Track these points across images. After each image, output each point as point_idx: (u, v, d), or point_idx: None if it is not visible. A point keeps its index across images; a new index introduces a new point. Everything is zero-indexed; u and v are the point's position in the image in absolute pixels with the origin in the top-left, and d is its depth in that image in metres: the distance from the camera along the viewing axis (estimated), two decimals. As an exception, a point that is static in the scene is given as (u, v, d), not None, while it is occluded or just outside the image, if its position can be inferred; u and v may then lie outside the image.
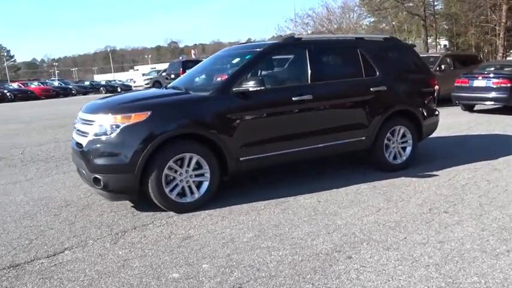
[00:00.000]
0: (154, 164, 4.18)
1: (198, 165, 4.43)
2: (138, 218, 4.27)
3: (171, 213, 4.35)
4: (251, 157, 4.65)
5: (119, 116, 4.21)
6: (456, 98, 11.80)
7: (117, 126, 4.17)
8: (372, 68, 5.47)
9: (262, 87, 4.52)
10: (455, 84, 11.78)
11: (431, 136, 6.37)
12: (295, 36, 5.21)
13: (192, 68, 6.28)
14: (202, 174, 4.46)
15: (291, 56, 5.38)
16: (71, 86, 40.40)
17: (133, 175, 4.13)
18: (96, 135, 4.24)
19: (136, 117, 4.19)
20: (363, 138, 5.35)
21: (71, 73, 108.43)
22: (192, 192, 4.42)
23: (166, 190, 4.27)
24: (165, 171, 4.24)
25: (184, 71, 19.56)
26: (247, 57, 4.97)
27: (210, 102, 4.51)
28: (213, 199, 4.56)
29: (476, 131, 8.68)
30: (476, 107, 12.00)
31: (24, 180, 5.98)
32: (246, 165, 4.67)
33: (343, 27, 32.85)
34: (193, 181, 4.43)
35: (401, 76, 5.71)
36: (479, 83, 11.21)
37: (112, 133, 4.16)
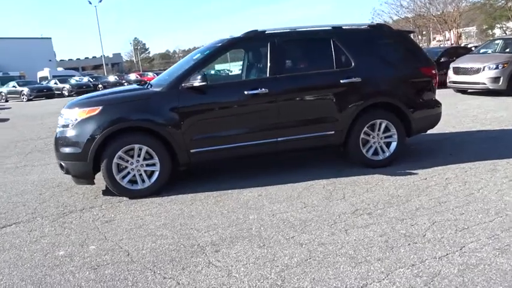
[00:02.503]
0: (105, 153, 4.66)
1: (150, 156, 4.80)
2: (94, 201, 4.82)
3: (124, 198, 4.81)
4: (202, 149, 4.87)
5: (78, 111, 4.78)
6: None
7: (76, 120, 4.74)
8: (347, 59, 5.20)
9: (204, 83, 4.68)
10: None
11: (461, 129, 5.77)
12: (259, 30, 5.20)
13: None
14: (153, 164, 4.82)
15: (253, 50, 5.39)
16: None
17: (86, 163, 4.67)
18: (62, 126, 4.87)
19: (89, 112, 4.71)
20: (332, 132, 5.16)
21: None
22: (143, 181, 4.82)
23: (117, 177, 4.73)
24: (115, 160, 4.69)
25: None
26: (205, 53, 5.15)
27: (160, 97, 4.82)
28: (171, 187, 4.94)
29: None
30: None
31: (45, 164, 7.00)
32: (198, 157, 4.90)
33: (446, 10, 29.88)
34: (145, 170, 4.82)
35: (384, 66, 5.31)
36: None
37: (72, 125, 4.75)
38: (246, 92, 4.86)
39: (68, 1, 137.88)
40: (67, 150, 4.75)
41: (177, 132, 4.75)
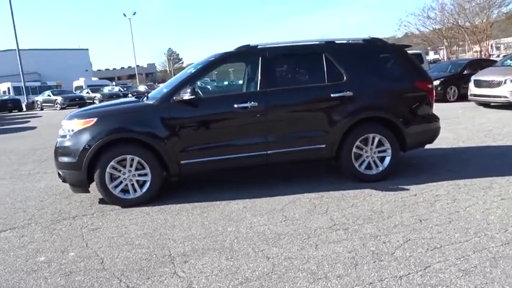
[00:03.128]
0: (98, 163, 4.85)
1: (142, 166, 4.95)
2: (89, 209, 5.00)
3: (116, 207, 4.97)
4: (192, 161, 4.98)
5: (75, 122, 5.00)
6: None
7: (73, 131, 4.96)
8: (339, 73, 5.22)
9: (193, 96, 4.81)
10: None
11: (470, 144, 5.65)
12: (251, 45, 5.30)
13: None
14: (145, 174, 4.97)
15: (245, 64, 5.48)
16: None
17: (81, 172, 4.86)
18: (61, 137, 5.10)
19: (85, 123, 4.92)
20: (323, 146, 5.17)
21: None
22: (135, 190, 4.97)
23: (110, 186, 4.90)
24: (108, 169, 4.86)
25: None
26: (197, 67, 5.28)
27: (152, 110, 4.98)
28: (164, 197, 5.08)
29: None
30: None
31: (55, 172, 7.28)
32: (188, 168, 5.01)
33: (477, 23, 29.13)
34: (137, 180, 4.97)
35: (377, 80, 5.29)
36: None
37: (69, 136, 4.97)
38: (235, 106, 4.96)
39: (106, 14, 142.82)
40: (64, 159, 4.97)
41: (167, 144, 4.89)
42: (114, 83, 52.33)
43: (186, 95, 4.83)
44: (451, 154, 6.62)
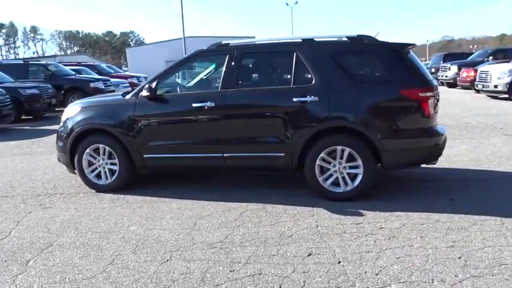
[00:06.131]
0: (77, 149, 5.38)
1: (113, 156, 5.31)
2: (67, 189, 5.49)
3: (82, 191, 5.35)
4: (153, 156, 5.13)
5: (68, 110, 5.62)
6: None
7: (66, 118, 5.59)
8: (309, 76, 4.67)
9: (149, 93, 4.92)
10: None
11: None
12: (223, 42, 5.08)
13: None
14: (115, 164, 5.32)
15: (216, 63, 5.26)
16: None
17: (66, 155, 5.47)
18: (61, 122, 5.78)
19: (72, 113, 5.49)
20: (281, 154, 4.72)
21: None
22: (107, 177, 5.36)
23: (86, 171, 5.39)
24: (85, 156, 5.35)
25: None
26: (169, 65, 5.32)
27: (123, 104, 5.25)
28: (137, 187, 5.36)
29: None
30: None
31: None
32: (151, 163, 5.18)
33: None
34: (109, 168, 5.34)
35: (352, 85, 4.55)
36: None
37: (62, 122, 5.62)
38: (193, 105, 4.89)
39: (269, 2, 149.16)
40: (58, 142, 5.63)
41: (131, 137, 5.11)
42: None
43: (145, 92, 4.98)
44: (474, 180, 5.27)
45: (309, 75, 4.67)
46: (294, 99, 4.62)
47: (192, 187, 5.36)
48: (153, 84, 4.97)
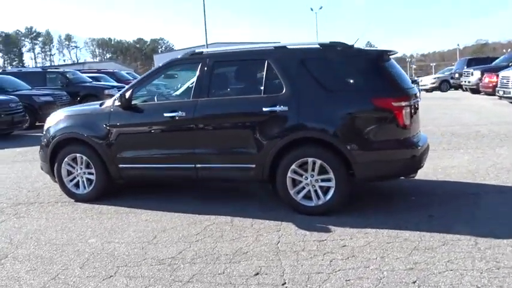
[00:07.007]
0: (56, 159, 5.39)
1: (90, 166, 5.29)
2: (47, 198, 5.52)
3: (61, 200, 5.35)
4: (127, 166, 5.08)
5: (51, 118, 5.66)
6: None
7: (48, 126, 5.63)
8: (279, 85, 4.50)
9: (119, 103, 4.89)
10: None
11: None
12: (197, 51, 4.97)
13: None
14: (92, 174, 5.30)
15: (190, 72, 5.15)
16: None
17: (47, 164, 5.49)
18: (43, 131, 5.82)
19: (53, 121, 5.51)
20: (252, 166, 4.58)
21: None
22: (84, 187, 5.35)
23: (65, 180, 5.39)
24: (64, 165, 5.35)
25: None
26: (145, 74, 5.27)
27: (100, 114, 5.22)
28: (115, 197, 5.31)
29: None
30: None
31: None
32: (126, 172, 5.13)
33: None
34: (87, 178, 5.32)
35: (322, 94, 4.36)
36: None
37: (45, 131, 5.66)
38: (165, 114, 4.81)
39: (295, 6, 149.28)
40: (40, 151, 5.68)
41: (106, 147, 5.07)
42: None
43: (116, 101, 4.94)
44: (462, 195, 4.95)
45: (279, 84, 4.51)
46: (264, 109, 4.47)
47: (168, 198, 5.26)
48: (127, 94, 4.93)
